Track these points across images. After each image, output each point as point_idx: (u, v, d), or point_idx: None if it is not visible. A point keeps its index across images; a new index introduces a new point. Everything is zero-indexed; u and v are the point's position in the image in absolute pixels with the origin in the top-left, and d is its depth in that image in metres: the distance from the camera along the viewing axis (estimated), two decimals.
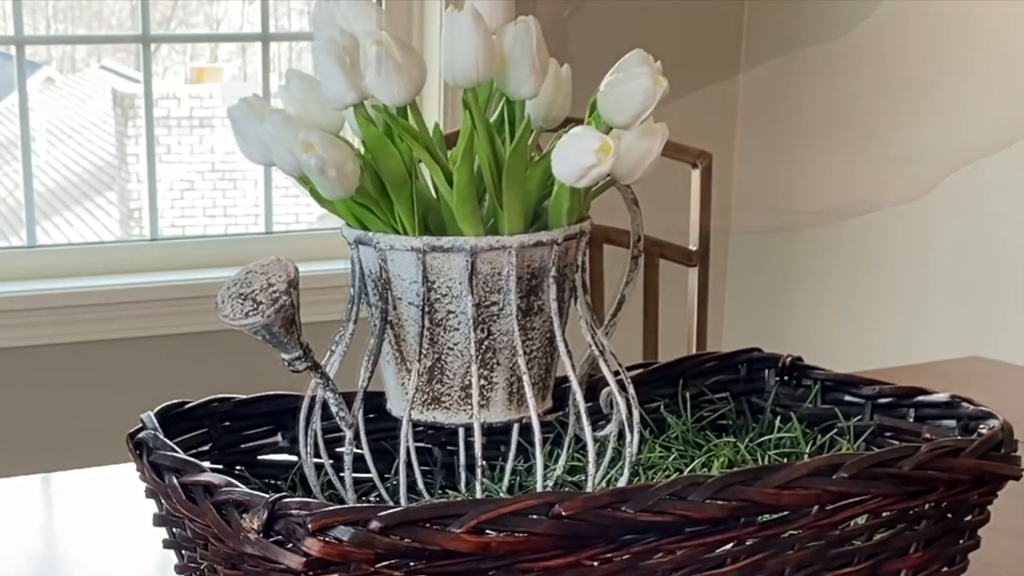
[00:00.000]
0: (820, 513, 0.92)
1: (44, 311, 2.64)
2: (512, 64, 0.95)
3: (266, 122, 0.95)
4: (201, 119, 3.93)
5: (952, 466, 0.96)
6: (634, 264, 1.10)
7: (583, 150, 0.93)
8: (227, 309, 0.92)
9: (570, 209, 0.98)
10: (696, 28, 3.13)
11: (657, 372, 1.24)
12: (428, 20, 2.84)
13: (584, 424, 1.00)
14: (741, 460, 1.16)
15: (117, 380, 2.71)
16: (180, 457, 0.93)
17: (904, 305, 2.90)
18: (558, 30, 2.36)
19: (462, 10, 0.94)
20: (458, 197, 0.95)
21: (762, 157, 3.21)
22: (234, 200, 3.80)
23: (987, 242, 2.73)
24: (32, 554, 1.28)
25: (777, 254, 3.20)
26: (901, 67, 2.88)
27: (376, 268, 0.98)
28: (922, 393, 1.16)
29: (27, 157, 2.70)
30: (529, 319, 0.98)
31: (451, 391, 0.99)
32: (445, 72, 0.95)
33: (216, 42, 4.00)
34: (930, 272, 2.84)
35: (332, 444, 1.07)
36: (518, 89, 0.96)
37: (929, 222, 2.84)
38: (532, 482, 1.09)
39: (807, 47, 3.07)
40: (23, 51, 2.67)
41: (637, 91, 0.97)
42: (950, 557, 1.03)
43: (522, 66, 0.95)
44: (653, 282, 2.02)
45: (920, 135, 2.85)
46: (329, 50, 0.93)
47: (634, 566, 0.88)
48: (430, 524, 0.81)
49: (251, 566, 0.84)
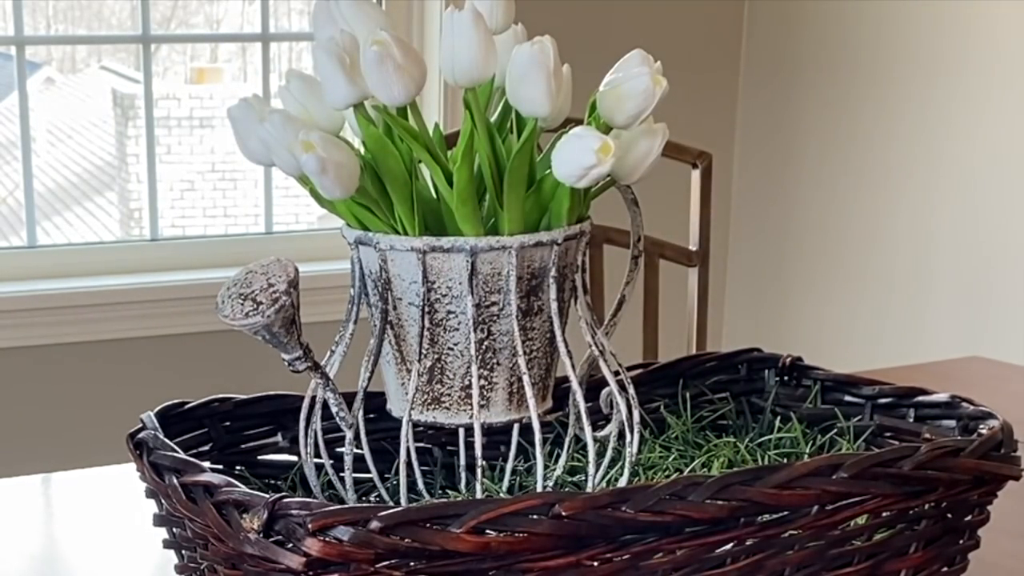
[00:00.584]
0: (820, 513, 0.92)
1: (44, 311, 2.64)
2: (528, 85, 0.94)
3: (266, 122, 0.95)
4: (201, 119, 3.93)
5: (952, 466, 0.96)
6: (634, 264, 1.10)
7: (583, 150, 0.93)
8: (227, 309, 0.92)
9: (570, 209, 0.98)
10: (696, 28, 3.13)
11: (657, 372, 1.24)
12: (428, 20, 2.84)
13: (584, 424, 1.00)
14: (741, 460, 1.16)
15: (117, 380, 2.71)
16: (180, 457, 0.93)
17: (904, 305, 2.90)
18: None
19: (462, 10, 0.94)
20: (458, 197, 0.95)
21: (762, 157, 3.21)
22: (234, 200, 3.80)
23: (987, 242, 2.73)
24: (32, 554, 1.28)
25: (777, 254, 3.20)
26: (901, 67, 2.88)
27: (376, 268, 0.98)
28: (922, 393, 1.16)
29: (27, 157, 2.70)
30: (529, 319, 0.98)
31: (451, 391, 0.99)
32: (445, 71, 0.95)
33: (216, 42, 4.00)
34: (930, 272, 2.84)
35: (332, 444, 1.07)
36: (533, 110, 0.95)
37: (929, 222, 2.84)
38: (532, 482, 1.09)
39: (807, 47, 3.07)
40: (23, 51, 2.67)
41: (637, 91, 0.97)
42: (950, 557, 1.03)
43: (538, 89, 0.94)
44: (653, 282, 2.02)
45: (920, 134, 2.85)
46: (329, 50, 0.93)
47: (634, 566, 0.88)
48: (430, 524, 0.81)
49: (251, 566, 0.84)
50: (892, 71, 2.89)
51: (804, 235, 3.13)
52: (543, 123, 0.98)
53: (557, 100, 0.95)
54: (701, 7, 3.13)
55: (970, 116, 2.75)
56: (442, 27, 0.95)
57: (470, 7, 0.94)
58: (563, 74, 0.99)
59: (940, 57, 2.80)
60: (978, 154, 2.74)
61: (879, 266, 2.96)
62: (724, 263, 3.26)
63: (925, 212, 2.85)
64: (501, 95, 1.00)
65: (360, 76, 0.93)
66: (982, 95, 2.72)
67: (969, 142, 2.75)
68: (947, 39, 2.78)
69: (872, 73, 2.93)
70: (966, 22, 2.74)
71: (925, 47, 2.83)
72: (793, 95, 3.12)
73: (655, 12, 3.07)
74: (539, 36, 0.96)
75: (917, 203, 2.86)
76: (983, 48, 2.72)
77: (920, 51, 2.84)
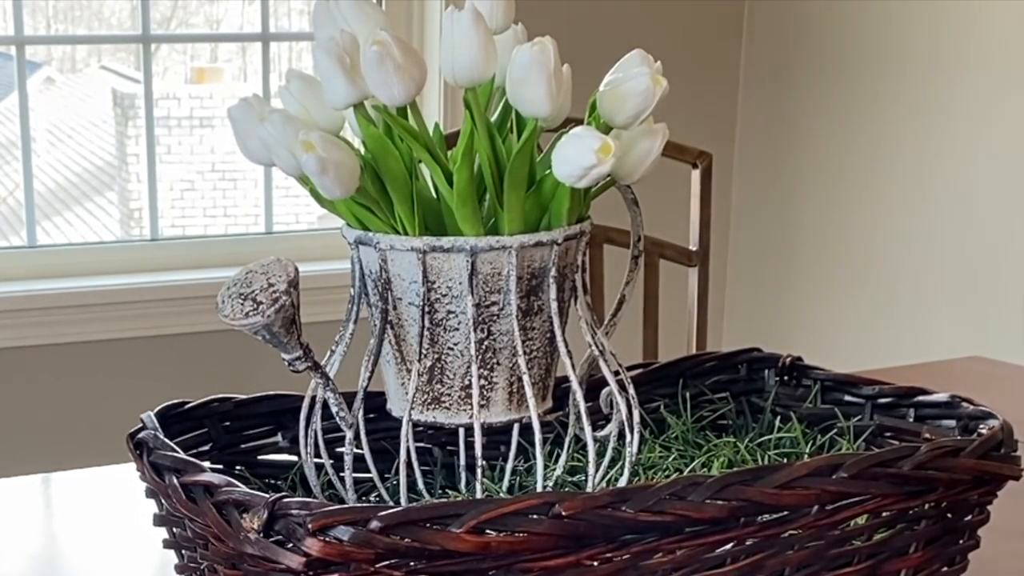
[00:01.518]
0: (820, 513, 0.92)
1: (44, 311, 2.64)
2: (528, 86, 0.94)
3: (266, 122, 0.95)
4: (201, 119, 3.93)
5: (952, 466, 0.96)
6: (634, 264, 1.10)
7: (583, 150, 0.93)
8: (227, 309, 0.92)
9: (570, 209, 0.98)
10: (696, 28, 3.13)
11: (657, 372, 1.24)
12: (428, 20, 2.84)
13: (584, 424, 1.00)
14: (741, 460, 1.16)
15: (117, 380, 2.71)
16: (180, 457, 0.93)
17: (904, 305, 2.90)
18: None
19: (462, 10, 0.94)
20: (458, 197, 0.95)
21: (762, 158, 3.21)
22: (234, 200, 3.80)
23: (987, 242, 2.73)
24: (32, 554, 1.28)
25: (777, 254, 3.20)
26: (901, 67, 2.88)
27: (376, 268, 0.98)
28: (922, 393, 1.16)
29: (27, 157, 2.70)
30: (529, 319, 0.98)
31: (451, 391, 0.99)
32: (445, 71, 0.95)
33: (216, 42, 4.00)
34: (930, 272, 2.84)
35: (332, 444, 1.07)
36: (533, 110, 0.95)
37: (929, 222, 2.84)
38: (532, 482, 1.09)
39: (807, 47, 3.07)
40: (23, 51, 2.67)
41: (637, 91, 0.97)
42: (950, 557, 1.03)
43: (539, 89, 0.94)
44: (653, 282, 2.02)
45: (920, 134, 2.85)
46: (329, 50, 0.93)
47: (634, 566, 0.88)
48: (430, 524, 0.81)
49: (251, 566, 0.84)
50: (892, 71, 2.89)
51: (804, 235, 3.13)
52: (543, 123, 0.98)
53: (557, 100, 0.95)
54: (701, 7, 3.13)
55: (970, 116, 2.75)
56: (442, 27, 0.95)
57: (470, 7, 0.94)
58: (563, 74, 0.99)
59: (940, 57, 2.80)
60: (978, 153, 2.74)
61: (879, 266, 2.96)
62: (724, 263, 3.26)
63: (925, 212, 2.85)
64: (501, 95, 1.00)
65: (360, 76, 0.93)
66: (982, 95, 2.72)
67: (969, 142, 2.75)
68: (947, 39, 2.78)
69: (872, 73, 2.93)
70: (966, 22, 2.74)
71: (925, 47, 2.83)
72: (793, 95, 3.12)
73: (655, 12, 3.07)
74: (539, 36, 0.96)
75: (917, 203, 2.86)
76: (983, 48, 2.72)
77: (920, 51, 2.84)
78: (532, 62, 0.94)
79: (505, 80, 0.96)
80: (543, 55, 0.94)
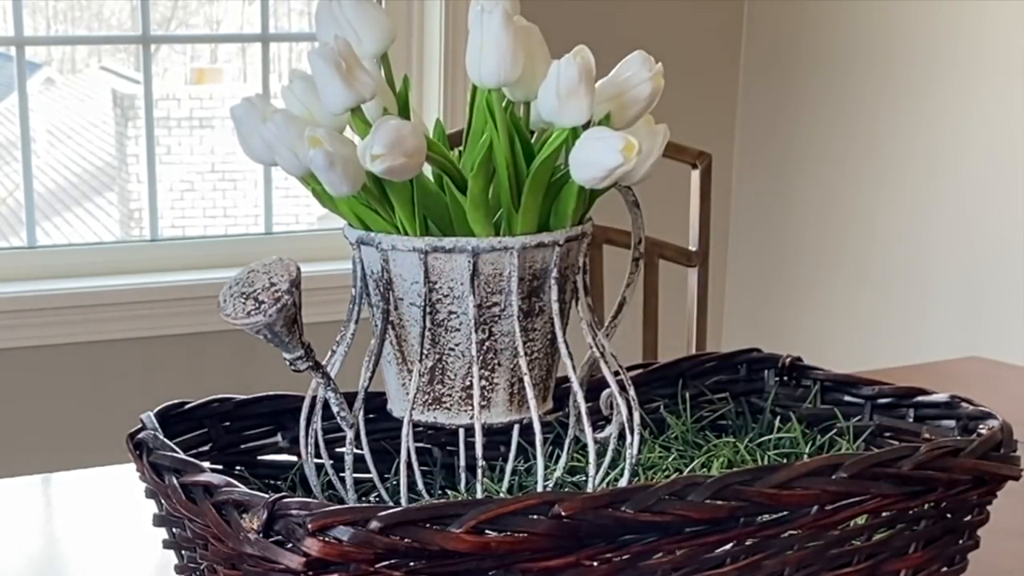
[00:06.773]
0: (820, 513, 0.92)
1: (44, 311, 2.64)
2: (577, 97, 0.93)
3: (269, 122, 0.95)
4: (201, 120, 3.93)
5: (952, 466, 0.96)
6: (635, 266, 1.10)
7: (607, 151, 0.92)
8: (229, 308, 0.92)
9: (575, 210, 0.98)
10: (696, 28, 3.13)
11: (657, 372, 1.24)
12: (428, 20, 2.84)
13: (585, 425, 1.00)
14: (741, 460, 1.16)
15: (117, 380, 2.71)
16: (180, 457, 0.93)
17: (904, 305, 2.90)
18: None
19: (492, 11, 0.93)
20: (471, 203, 0.95)
21: (762, 157, 3.21)
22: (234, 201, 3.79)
23: (986, 242, 2.73)
24: (32, 554, 1.28)
25: (777, 254, 3.20)
26: (901, 67, 2.88)
27: (378, 268, 0.98)
28: (922, 393, 1.16)
29: (27, 157, 2.70)
30: (530, 320, 0.98)
31: (452, 392, 0.99)
32: (471, 71, 0.94)
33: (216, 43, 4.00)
34: (930, 272, 2.84)
35: (332, 444, 1.07)
36: (574, 121, 0.94)
37: (929, 222, 2.84)
38: (532, 482, 1.09)
39: (807, 47, 3.07)
40: (23, 51, 2.67)
41: (641, 98, 0.97)
42: (950, 557, 1.03)
43: (585, 100, 0.93)
44: (653, 282, 2.02)
45: (919, 134, 2.85)
46: (325, 55, 0.92)
47: (634, 566, 0.88)
48: (430, 524, 0.81)
49: (251, 566, 0.84)
50: (891, 71, 2.89)
51: (804, 235, 3.13)
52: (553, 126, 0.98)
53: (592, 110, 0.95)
54: (701, 7, 3.13)
55: (969, 116, 2.75)
56: (470, 26, 0.95)
57: (501, 7, 0.94)
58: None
59: (939, 57, 2.80)
60: (977, 153, 2.74)
61: (879, 266, 2.96)
62: (724, 263, 3.26)
63: (925, 212, 2.85)
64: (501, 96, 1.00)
65: (356, 80, 0.93)
66: (981, 95, 2.72)
67: (968, 142, 2.75)
68: (946, 39, 2.78)
69: (871, 73, 2.93)
70: (965, 22, 2.74)
71: (924, 47, 2.83)
72: (793, 95, 3.12)
73: (655, 12, 3.07)
74: (579, 45, 0.95)
75: (916, 203, 2.86)
76: (982, 48, 2.72)
77: (919, 51, 2.84)
78: (581, 75, 0.93)
79: (521, 88, 0.96)
80: (588, 67, 0.93)
